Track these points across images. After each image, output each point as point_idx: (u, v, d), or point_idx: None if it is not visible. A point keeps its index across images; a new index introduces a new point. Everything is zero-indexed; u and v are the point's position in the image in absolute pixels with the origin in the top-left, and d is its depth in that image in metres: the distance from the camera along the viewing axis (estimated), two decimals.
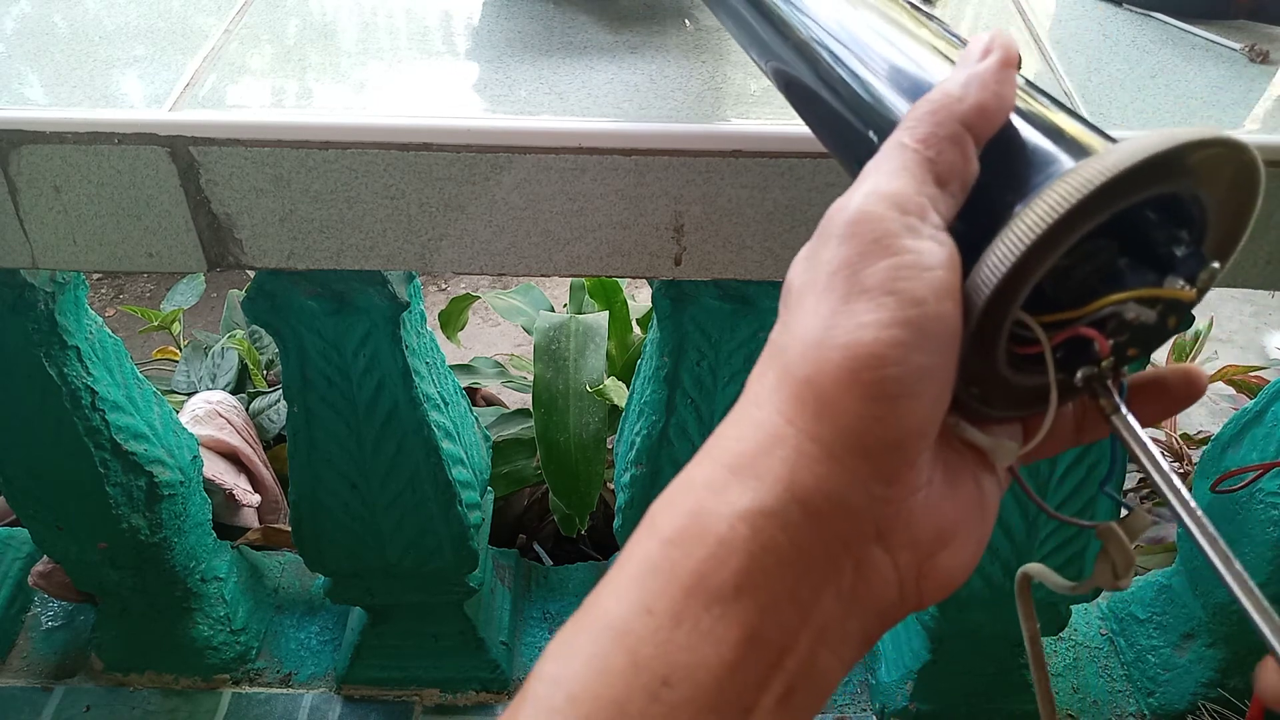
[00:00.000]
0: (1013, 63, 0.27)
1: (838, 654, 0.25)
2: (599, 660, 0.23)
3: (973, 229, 0.25)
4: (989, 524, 0.28)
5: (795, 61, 0.35)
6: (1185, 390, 0.28)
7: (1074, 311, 0.25)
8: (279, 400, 1.30)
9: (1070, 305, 0.25)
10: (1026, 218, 0.23)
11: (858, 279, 0.24)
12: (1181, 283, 0.24)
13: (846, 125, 0.32)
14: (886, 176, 0.25)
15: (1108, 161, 0.23)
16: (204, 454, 1.02)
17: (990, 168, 0.26)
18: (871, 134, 0.30)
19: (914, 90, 0.29)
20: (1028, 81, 0.28)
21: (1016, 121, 0.27)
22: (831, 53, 0.32)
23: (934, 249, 0.24)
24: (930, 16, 0.33)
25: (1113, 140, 0.25)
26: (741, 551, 0.23)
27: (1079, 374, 0.26)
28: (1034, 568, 0.30)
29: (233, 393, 1.30)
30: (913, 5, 0.34)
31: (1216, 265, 0.25)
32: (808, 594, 0.24)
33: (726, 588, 0.23)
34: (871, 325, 0.23)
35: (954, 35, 0.32)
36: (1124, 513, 0.31)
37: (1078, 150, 0.25)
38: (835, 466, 0.24)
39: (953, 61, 0.29)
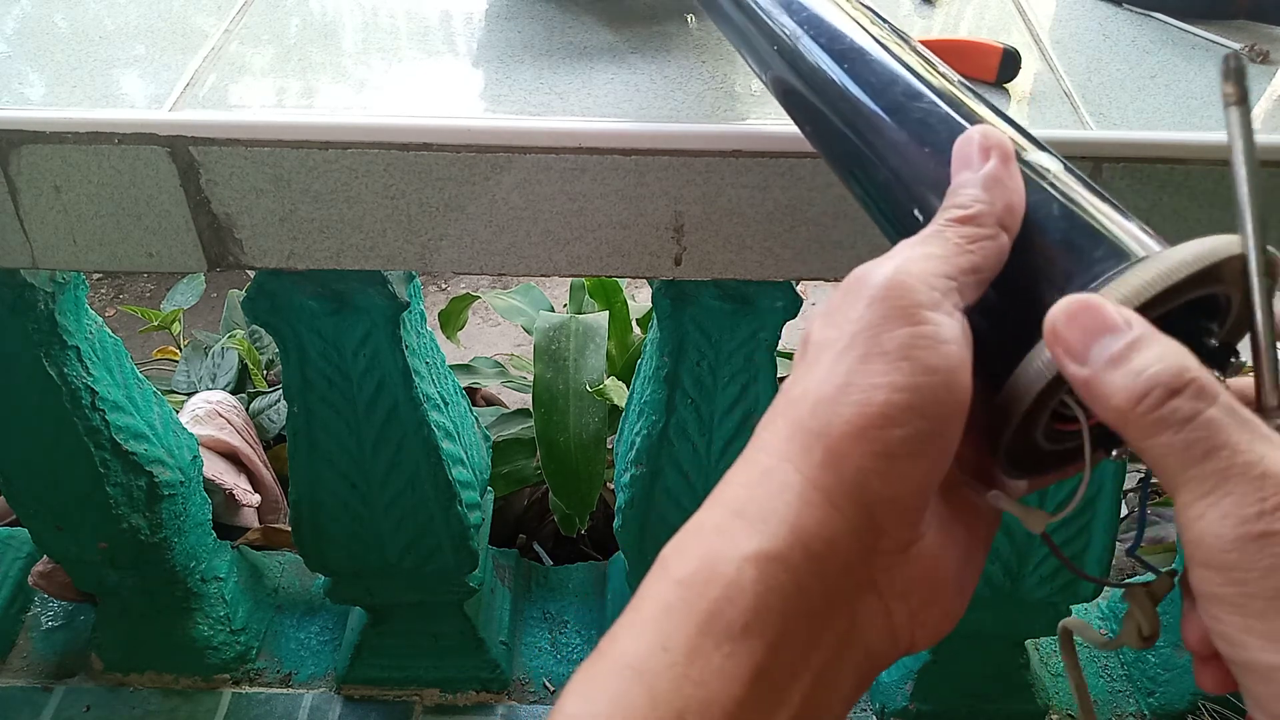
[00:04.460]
0: (1012, 157, 0.28)
1: (836, 694, 0.26)
2: (620, 697, 0.24)
3: (1007, 312, 0.27)
4: (977, 574, 0.29)
5: (810, 93, 0.36)
6: None
7: None
8: (279, 400, 1.30)
9: None
10: None
11: (878, 341, 0.25)
12: (1215, 373, 0.25)
13: (854, 148, 0.33)
14: (923, 257, 0.27)
15: (1167, 265, 0.24)
16: (204, 454, 1.02)
17: (1024, 257, 0.27)
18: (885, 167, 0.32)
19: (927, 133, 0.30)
20: (1066, 165, 0.29)
21: (1056, 210, 0.28)
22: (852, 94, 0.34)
23: (951, 324, 0.26)
24: (906, 39, 0.34)
25: (1138, 226, 0.26)
26: (750, 592, 0.24)
27: (1114, 453, 0.27)
28: (1074, 623, 0.31)
29: (233, 393, 1.30)
30: (897, 30, 0.35)
31: (1245, 361, 0.26)
32: (809, 635, 0.25)
33: (735, 627, 0.24)
34: (884, 387, 0.25)
35: (932, 62, 0.33)
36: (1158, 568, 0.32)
37: (1116, 249, 0.26)
38: (835, 515, 0.25)
39: (951, 99, 0.31)
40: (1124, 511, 1.25)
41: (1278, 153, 0.49)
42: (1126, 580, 0.30)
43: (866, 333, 0.26)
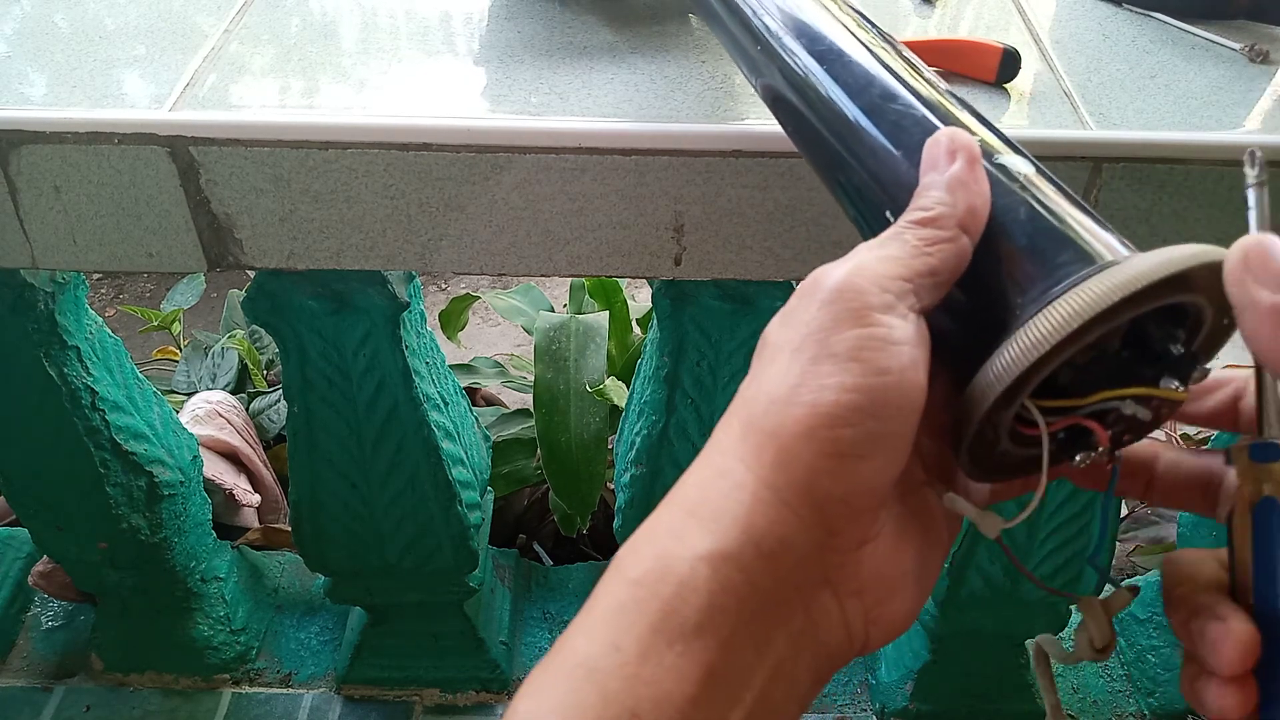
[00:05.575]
0: (978, 159, 0.28)
1: (792, 692, 0.26)
2: (571, 695, 0.24)
3: (973, 313, 0.26)
4: (935, 574, 0.29)
5: (795, 98, 0.36)
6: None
7: (1076, 400, 0.26)
8: (279, 400, 1.30)
9: (1070, 388, 0.26)
10: (1051, 318, 0.24)
11: (828, 343, 0.26)
12: (1176, 383, 0.26)
13: (836, 155, 0.33)
14: (879, 259, 0.27)
15: (1133, 272, 0.24)
16: (204, 454, 1.02)
17: (990, 259, 0.27)
18: (858, 167, 0.32)
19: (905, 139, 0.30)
20: (1040, 169, 0.29)
21: (1024, 214, 0.27)
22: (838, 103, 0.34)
23: (904, 326, 0.26)
24: (895, 47, 0.34)
25: (1109, 232, 0.26)
26: (702, 591, 0.24)
27: (1076, 459, 0.27)
28: (1045, 640, 0.31)
29: (233, 393, 1.30)
30: (886, 37, 0.35)
31: (1209, 368, 0.26)
32: (762, 633, 0.25)
33: (688, 625, 0.24)
34: (834, 387, 0.25)
35: (912, 63, 0.33)
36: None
37: (1082, 254, 0.26)
38: (787, 513, 0.25)
39: (938, 106, 0.31)
40: (1124, 511, 1.25)
41: (1277, 153, 0.49)
42: (1121, 587, 0.30)
43: (818, 335, 0.26)
